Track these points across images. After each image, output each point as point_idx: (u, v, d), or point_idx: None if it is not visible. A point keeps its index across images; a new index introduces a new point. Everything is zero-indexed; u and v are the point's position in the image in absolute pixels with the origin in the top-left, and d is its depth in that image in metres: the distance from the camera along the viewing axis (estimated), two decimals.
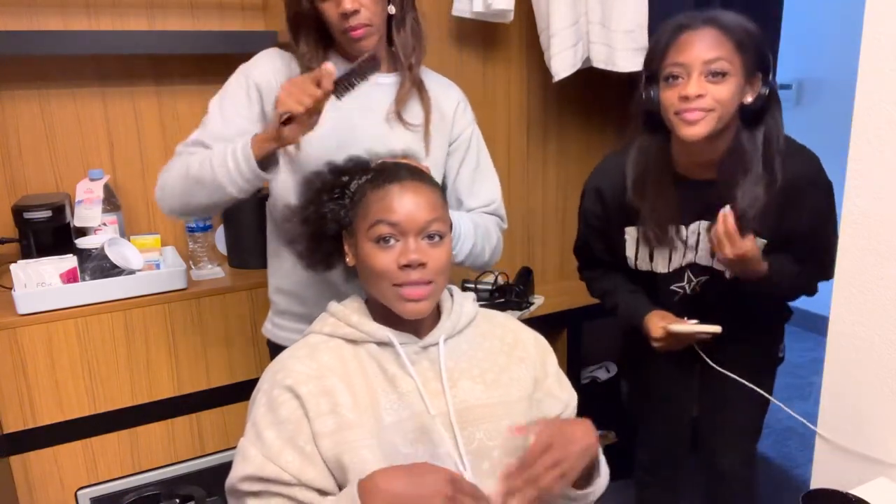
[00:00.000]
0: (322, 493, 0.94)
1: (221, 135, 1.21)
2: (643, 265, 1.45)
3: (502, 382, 1.04)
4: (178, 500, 1.59)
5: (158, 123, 1.85)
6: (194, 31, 1.83)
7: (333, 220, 1.03)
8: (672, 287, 1.46)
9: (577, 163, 2.40)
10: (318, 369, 0.97)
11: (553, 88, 2.16)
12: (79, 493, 1.59)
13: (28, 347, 1.50)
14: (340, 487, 0.93)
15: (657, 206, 1.35)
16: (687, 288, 1.45)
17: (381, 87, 1.27)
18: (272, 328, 1.39)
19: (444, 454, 0.96)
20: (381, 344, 1.01)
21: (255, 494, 0.94)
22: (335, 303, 1.07)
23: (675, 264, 1.42)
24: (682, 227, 1.38)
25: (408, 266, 0.95)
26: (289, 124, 1.06)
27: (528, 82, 2.24)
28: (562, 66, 1.97)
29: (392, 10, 1.22)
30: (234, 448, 1.65)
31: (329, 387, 0.96)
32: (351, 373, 0.98)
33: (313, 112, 1.07)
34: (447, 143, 1.34)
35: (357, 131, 1.23)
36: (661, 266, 1.44)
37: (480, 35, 2.12)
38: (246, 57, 1.84)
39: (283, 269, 1.34)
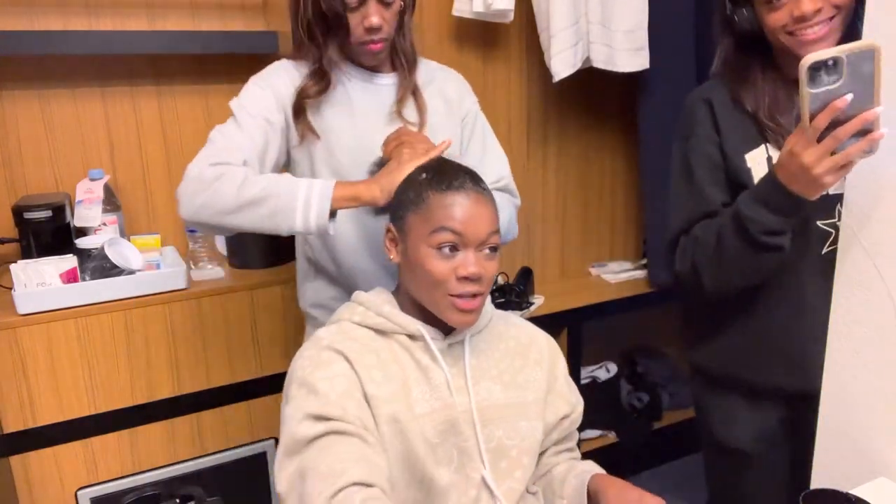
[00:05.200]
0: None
1: (256, 131, 1.18)
2: None
3: (518, 383, 1.06)
4: (178, 500, 1.59)
5: (158, 123, 1.85)
6: (194, 31, 1.83)
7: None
8: (820, 224, 1.14)
9: (577, 163, 2.41)
10: (359, 346, 0.99)
11: (553, 88, 2.16)
12: (79, 493, 1.59)
13: (28, 347, 1.50)
14: None
15: (777, 96, 1.15)
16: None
17: (386, 87, 1.30)
18: None
19: (470, 448, 0.98)
20: (410, 337, 1.02)
21: (320, 440, 0.89)
22: (362, 292, 1.07)
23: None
24: None
25: (466, 278, 0.95)
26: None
27: (528, 82, 2.23)
28: (562, 66, 1.97)
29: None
30: (234, 448, 1.64)
31: (372, 362, 0.97)
32: (385, 360, 0.99)
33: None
34: (459, 124, 1.37)
35: (374, 133, 1.25)
36: None
37: (480, 35, 2.12)
38: (246, 57, 1.86)
39: (318, 287, 1.34)
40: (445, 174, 0.99)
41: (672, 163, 1.27)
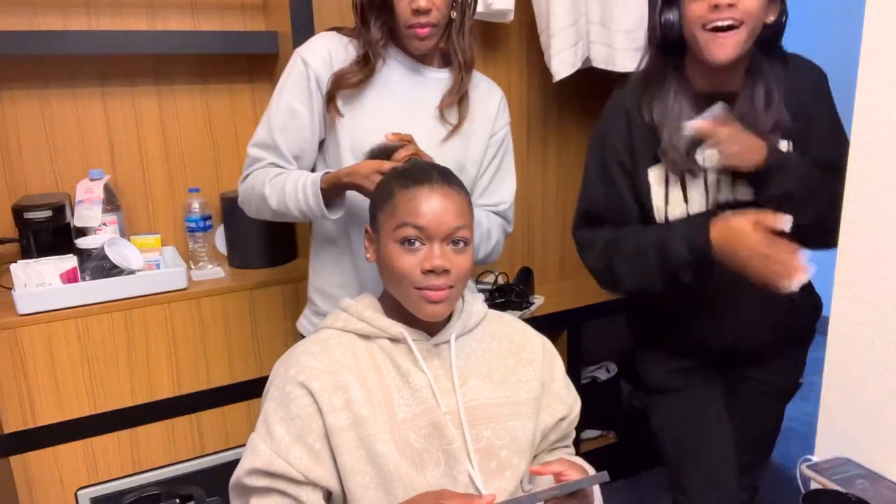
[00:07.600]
0: (326, 495, 0.95)
1: (286, 135, 1.28)
2: (677, 210, 1.28)
3: (510, 383, 1.05)
4: (178, 500, 1.59)
5: (158, 123, 1.85)
6: (194, 31, 1.83)
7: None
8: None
9: (577, 163, 2.39)
10: (330, 364, 0.98)
11: (553, 88, 2.16)
12: (79, 493, 1.59)
13: (28, 347, 1.50)
14: (342, 484, 0.94)
15: (682, 112, 1.25)
16: None
17: (435, 81, 1.31)
18: (309, 325, 1.42)
19: (456, 450, 0.97)
20: (393, 340, 1.02)
21: (260, 492, 0.95)
22: (347, 299, 1.07)
23: (714, 199, 1.27)
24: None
25: (431, 272, 0.95)
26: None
27: (528, 82, 2.23)
28: (562, 66, 1.98)
29: (454, 14, 1.26)
30: (234, 448, 1.64)
31: (342, 382, 0.96)
32: (364, 368, 0.99)
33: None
34: (488, 138, 1.37)
35: (413, 124, 1.25)
36: (698, 204, 1.26)
37: (480, 35, 2.11)
38: (246, 57, 1.86)
39: (325, 271, 1.37)
40: (413, 172, 1.01)
41: (589, 154, 1.39)
